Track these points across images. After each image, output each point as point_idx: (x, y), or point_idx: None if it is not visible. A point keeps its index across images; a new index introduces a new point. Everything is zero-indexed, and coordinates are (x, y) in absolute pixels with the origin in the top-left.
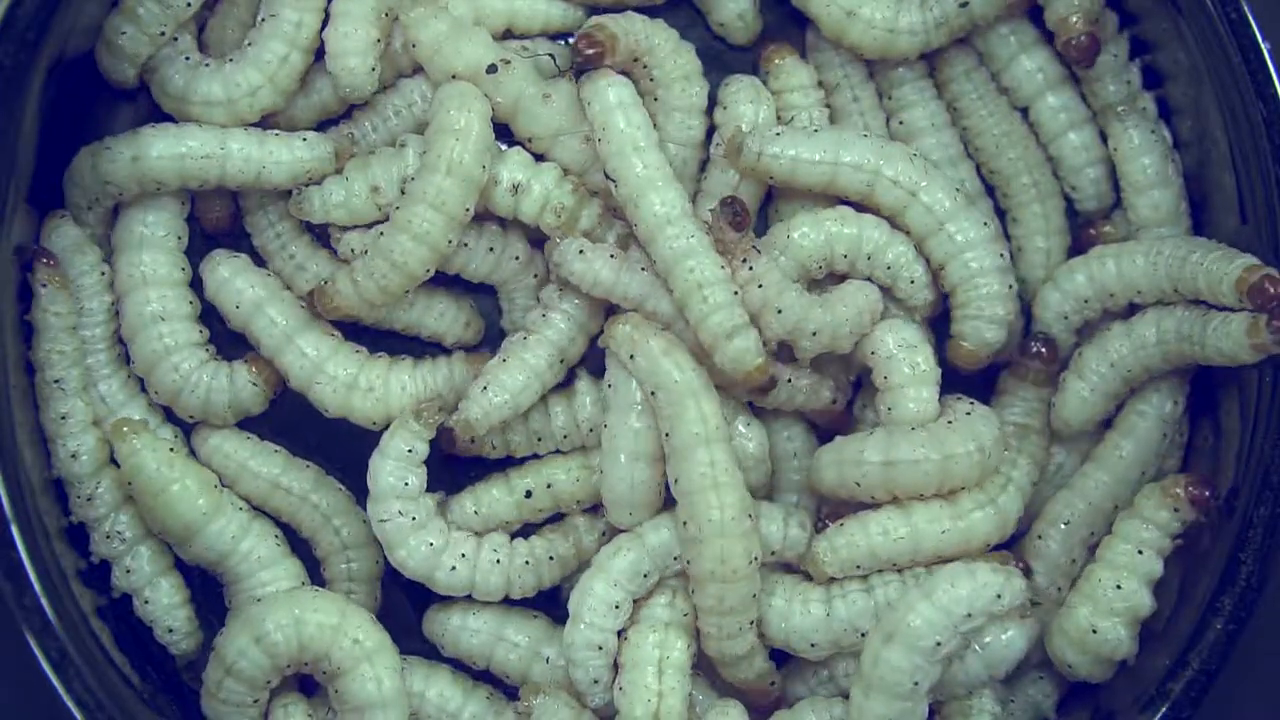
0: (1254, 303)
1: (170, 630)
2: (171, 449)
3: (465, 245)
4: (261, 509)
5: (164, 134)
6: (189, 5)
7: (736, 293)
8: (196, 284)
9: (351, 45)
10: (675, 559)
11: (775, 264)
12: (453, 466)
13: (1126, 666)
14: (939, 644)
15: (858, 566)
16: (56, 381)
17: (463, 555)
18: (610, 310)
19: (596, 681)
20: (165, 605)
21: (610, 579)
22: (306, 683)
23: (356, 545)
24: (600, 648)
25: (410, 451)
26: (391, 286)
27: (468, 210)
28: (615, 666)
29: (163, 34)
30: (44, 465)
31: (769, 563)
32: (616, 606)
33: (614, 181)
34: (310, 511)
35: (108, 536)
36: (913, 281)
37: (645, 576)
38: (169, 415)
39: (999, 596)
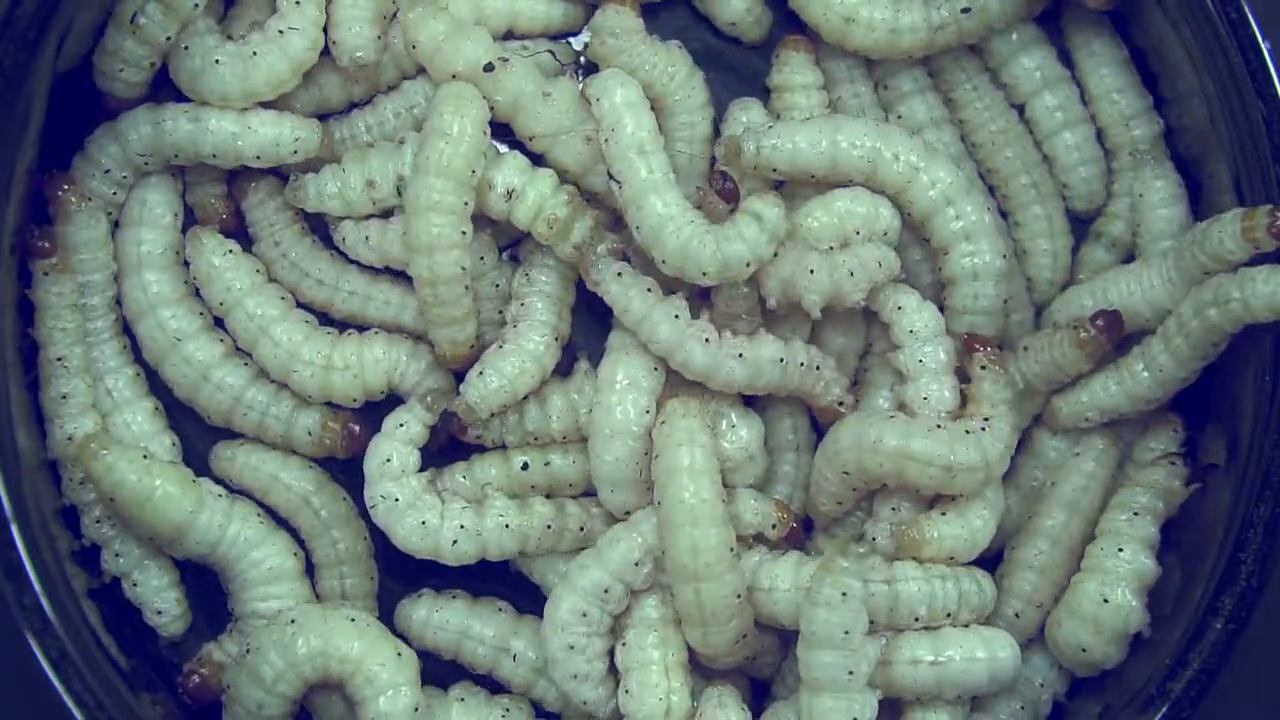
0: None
1: (159, 612)
2: (145, 455)
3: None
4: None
5: (146, 106)
6: (195, 6)
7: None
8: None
9: (356, 13)
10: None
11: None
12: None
13: (1130, 660)
14: (848, 633)
15: (951, 558)
16: (59, 359)
17: (461, 527)
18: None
19: (585, 703)
20: (154, 587)
21: (574, 589)
22: None
23: (352, 560)
24: (576, 677)
25: (401, 426)
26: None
27: (467, 204)
28: (611, 674)
29: (168, 39)
30: (44, 463)
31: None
32: (584, 614)
33: (618, 183)
34: (310, 517)
35: (97, 521)
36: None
37: (606, 591)
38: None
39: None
